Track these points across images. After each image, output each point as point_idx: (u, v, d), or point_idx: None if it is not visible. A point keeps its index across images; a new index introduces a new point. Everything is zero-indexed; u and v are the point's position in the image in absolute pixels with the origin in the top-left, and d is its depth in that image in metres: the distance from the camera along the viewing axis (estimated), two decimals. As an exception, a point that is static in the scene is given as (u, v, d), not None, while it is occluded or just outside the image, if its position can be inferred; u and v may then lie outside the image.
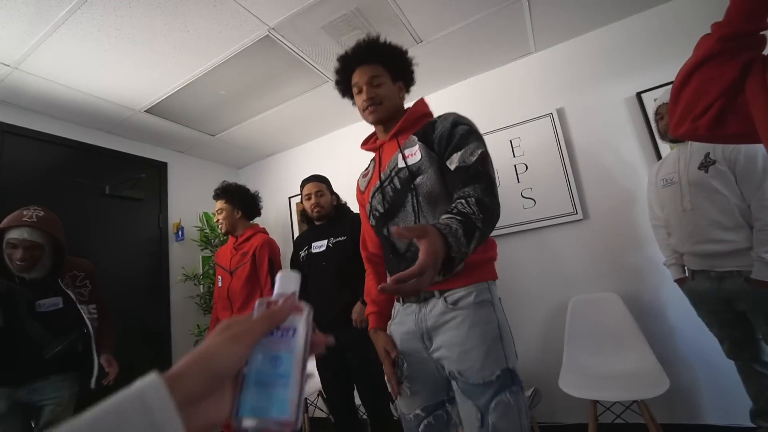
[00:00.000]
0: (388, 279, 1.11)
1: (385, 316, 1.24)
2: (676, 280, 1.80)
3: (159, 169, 3.10)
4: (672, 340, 2.01)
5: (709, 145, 1.59)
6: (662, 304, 2.06)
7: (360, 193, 1.29)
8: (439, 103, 2.83)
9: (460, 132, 1.03)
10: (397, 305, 1.18)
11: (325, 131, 3.33)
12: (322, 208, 1.98)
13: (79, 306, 1.64)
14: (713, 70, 0.69)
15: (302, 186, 2.05)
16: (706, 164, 1.57)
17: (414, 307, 1.08)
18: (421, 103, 1.20)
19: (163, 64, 2.12)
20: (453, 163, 0.99)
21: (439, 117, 1.12)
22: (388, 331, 1.18)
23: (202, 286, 3.01)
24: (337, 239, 1.92)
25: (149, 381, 0.29)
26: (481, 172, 0.93)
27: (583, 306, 2.11)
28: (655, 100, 2.06)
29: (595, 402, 1.73)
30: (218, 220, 2.18)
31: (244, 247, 2.13)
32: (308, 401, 2.51)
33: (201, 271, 3.07)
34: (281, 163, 3.61)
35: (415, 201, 1.05)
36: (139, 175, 2.80)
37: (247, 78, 2.38)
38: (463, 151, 0.99)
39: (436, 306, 1.02)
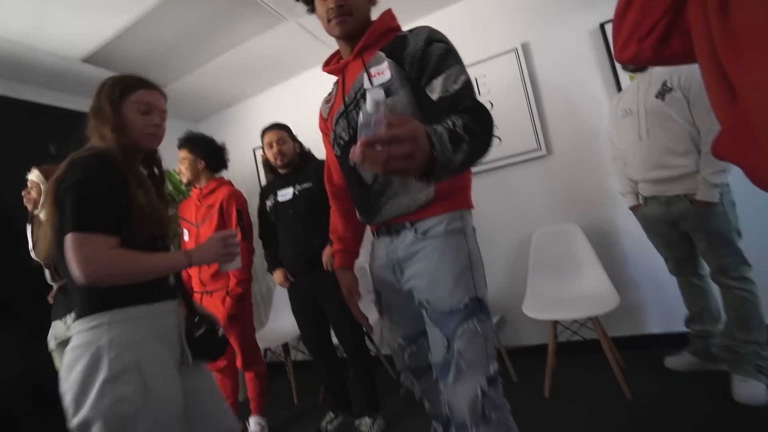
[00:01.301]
0: (357, 210, 1.11)
1: (351, 254, 1.23)
2: (630, 208, 1.91)
3: (109, 125, 2.89)
4: (624, 264, 2.18)
5: (666, 73, 1.63)
6: (617, 232, 2.20)
7: (322, 121, 1.18)
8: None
9: (437, 51, 0.91)
10: (372, 239, 1.16)
11: (287, 76, 3.16)
12: (284, 156, 1.93)
13: None
14: None
15: (262, 135, 1.98)
16: (663, 92, 1.62)
17: (386, 240, 1.06)
18: (389, 16, 1.06)
19: (98, 7, 1.91)
20: (434, 91, 0.88)
21: (410, 31, 0.99)
22: (368, 267, 1.16)
23: (172, 246, 2.95)
24: (303, 186, 1.90)
25: None
26: (470, 107, 0.82)
27: (546, 238, 2.23)
28: None
29: (555, 322, 1.90)
30: (180, 170, 2.08)
31: (209, 199, 2.06)
32: (290, 345, 2.61)
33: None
34: (243, 113, 3.44)
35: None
36: (87, 132, 2.60)
37: (192, 19, 2.18)
38: (444, 76, 0.88)
39: (407, 237, 1.00)
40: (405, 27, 1.06)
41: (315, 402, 2.44)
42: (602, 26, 2.19)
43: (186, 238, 2.10)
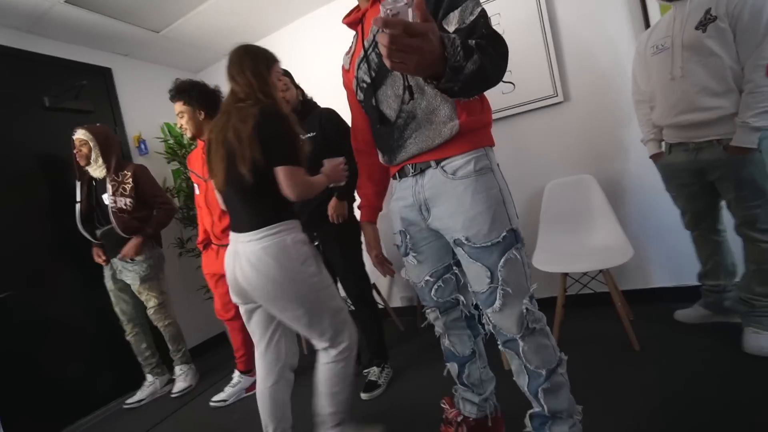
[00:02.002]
0: (380, 154, 1.15)
1: (375, 209, 1.30)
2: (651, 156, 1.79)
3: (103, 76, 2.77)
4: (638, 216, 2.10)
5: (711, 1, 1.42)
6: (634, 183, 2.10)
7: (345, 73, 1.20)
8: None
9: None
10: (393, 182, 1.20)
11: (287, 21, 2.96)
12: (287, 103, 1.83)
13: (109, 198, 2.16)
14: None
15: None
16: (705, 22, 1.41)
17: (410, 180, 1.09)
18: None
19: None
20: (451, 24, 0.90)
21: None
22: (389, 209, 1.21)
23: (177, 199, 2.93)
24: (307, 135, 1.82)
25: None
26: (486, 34, 0.84)
27: (559, 189, 2.14)
28: None
29: (565, 275, 1.86)
30: (181, 125, 1.97)
31: None
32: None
33: (174, 185, 2.96)
34: (242, 63, 3.27)
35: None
36: (80, 82, 2.50)
37: (181, -48, 2.01)
38: (460, 9, 0.89)
39: (434, 176, 1.02)
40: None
41: (324, 352, 2.50)
42: (633, -45, 1.97)
43: (197, 191, 2.07)
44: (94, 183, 2.25)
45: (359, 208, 1.31)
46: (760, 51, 1.34)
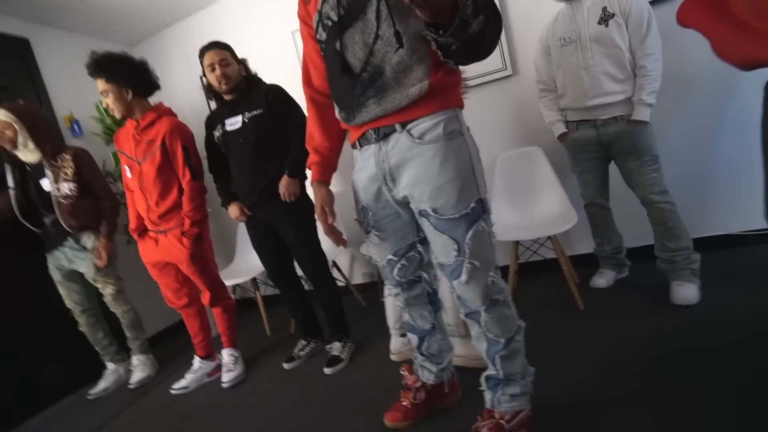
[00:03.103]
0: (337, 108, 1.04)
1: (329, 167, 1.16)
2: (559, 137, 1.93)
3: (20, 48, 2.49)
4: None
5: (604, 0, 1.65)
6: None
7: (303, 6, 1.05)
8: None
9: None
10: (355, 152, 1.10)
11: (230, -11, 2.77)
12: (229, 80, 1.73)
13: (52, 185, 1.98)
14: None
15: (201, 55, 1.75)
16: (606, 18, 1.65)
17: (373, 147, 1.01)
18: None
19: None
20: None
21: None
22: (351, 181, 1.12)
23: (120, 184, 2.74)
24: (253, 113, 1.74)
25: None
26: (486, 3, 0.74)
27: (509, 162, 2.21)
28: None
29: (516, 243, 1.95)
30: (106, 104, 1.79)
31: (149, 133, 1.83)
32: (258, 280, 2.61)
33: (115, 168, 2.76)
34: (185, 34, 3.04)
35: (382, 4, 0.87)
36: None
37: None
38: None
39: (399, 141, 0.95)
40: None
41: (287, 333, 2.50)
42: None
43: (128, 174, 1.92)
44: (27, 168, 2.04)
45: (309, 166, 1.16)
46: (646, 42, 1.62)
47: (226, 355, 2.12)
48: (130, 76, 1.76)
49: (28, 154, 1.96)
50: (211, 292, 2.02)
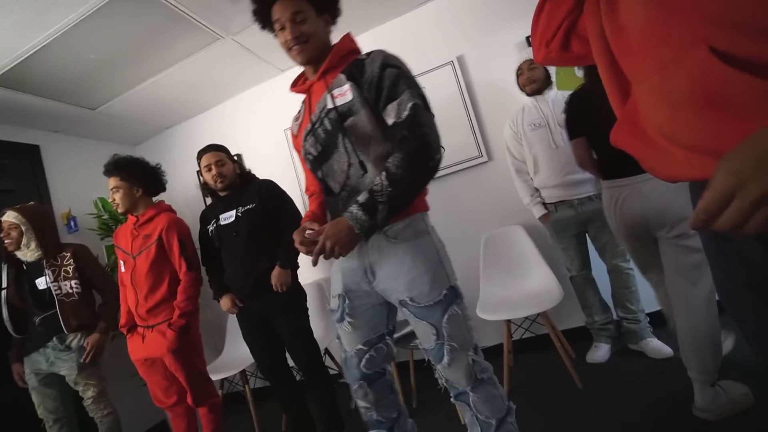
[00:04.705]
0: (330, 214, 1.19)
1: (319, 219, 1.25)
2: (540, 218, 2.08)
3: (30, 154, 2.66)
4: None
5: (565, 95, 1.87)
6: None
7: (294, 137, 1.25)
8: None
9: (390, 78, 1.02)
10: None
11: (229, 95, 3.07)
12: (224, 178, 1.86)
13: (52, 283, 1.96)
14: None
15: (199, 158, 1.90)
16: None
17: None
18: (348, 39, 1.17)
19: (3, 21, 1.76)
20: (389, 116, 1.01)
21: (367, 56, 1.08)
22: (333, 268, 1.22)
23: (115, 275, 2.74)
24: (246, 207, 1.84)
25: None
26: (407, 137, 0.97)
27: (494, 241, 2.31)
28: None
29: (508, 321, 1.96)
30: (114, 199, 1.92)
31: (147, 228, 1.93)
32: (247, 373, 2.50)
33: (108, 262, 2.79)
34: (183, 134, 3.30)
35: (347, 141, 1.06)
36: (2, 161, 2.37)
37: (120, 38, 2.08)
38: (397, 102, 1.00)
39: (377, 240, 1.07)
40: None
41: (278, 430, 2.34)
42: (527, 39, 2.35)
43: (122, 269, 1.96)
44: (23, 267, 2.02)
45: (305, 216, 1.26)
46: None
47: (211, 461, 1.95)
48: (143, 177, 1.95)
49: (28, 253, 1.97)
50: (194, 389, 1.93)
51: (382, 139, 1.05)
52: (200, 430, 2.15)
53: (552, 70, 2.03)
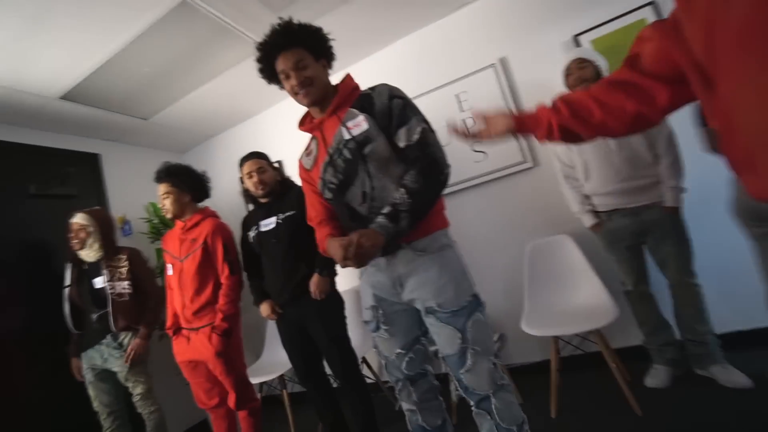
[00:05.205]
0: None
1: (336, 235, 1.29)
2: (591, 227, 1.92)
3: (91, 162, 2.86)
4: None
5: None
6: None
7: (304, 171, 1.34)
8: (384, 64, 2.74)
9: (398, 106, 1.16)
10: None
11: (270, 104, 3.16)
12: (266, 185, 1.89)
13: (108, 282, 2.06)
14: None
15: (241, 165, 1.95)
16: None
17: (383, 260, 1.19)
18: (350, 78, 1.29)
19: (72, 43, 1.90)
20: (401, 140, 1.14)
21: (372, 90, 1.22)
22: (362, 284, 1.30)
23: (160, 279, 2.87)
24: (286, 214, 1.85)
25: None
26: (420, 156, 1.12)
27: (539, 251, 2.18)
28: (592, 41, 2.12)
29: (556, 338, 1.83)
30: (164, 205, 2.01)
31: (193, 233, 2.00)
32: (286, 378, 2.52)
33: (157, 264, 2.92)
34: (228, 142, 3.42)
35: (367, 168, 1.16)
36: (67, 169, 2.56)
37: (170, 51, 2.18)
38: (407, 128, 1.14)
39: (405, 255, 1.16)
40: (391, 46, 1.39)
41: (314, 436, 2.33)
42: (575, 38, 2.22)
43: (170, 272, 2.03)
44: (84, 267, 2.18)
45: (324, 237, 1.27)
46: (662, 132, 1.71)
47: (249, 464, 1.97)
48: (191, 183, 2.04)
49: (91, 253, 2.11)
50: (237, 392, 1.96)
51: (397, 160, 1.16)
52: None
53: (603, 68, 1.89)
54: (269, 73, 1.26)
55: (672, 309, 1.85)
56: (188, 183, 2.03)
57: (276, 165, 2.06)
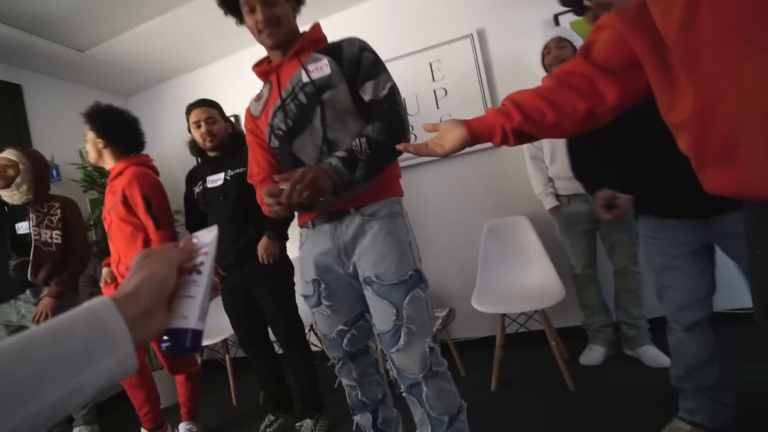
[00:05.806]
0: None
1: None
2: (550, 209, 1.97)
3: (11, 93, 2.49)
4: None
5: None
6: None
7: (251, 119, 1.22)
8: (356, 21, 2.56)
9: (369, 59, 1.09)
10: (304, 231, 1.20)
11: (229, 51, 2.88)
12: (214, 137, 1.72)
13: (33, 227, 1.87)
14: None
15: (188, 112, 1.76)
16: None
17: (327, 227, 1.11)
18: (319, 28, 1.19)
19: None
20: (366, 93, 1.07)
21: (343, 40, 1.13)
22: (302, 254, 1.21)
23: (94, 232, 2.63)
24: (236, 171, 1.71)
25: (99, 300, 0.34)
26: (387, 110, 1.03)
27: (496, 231, 2.19)
28: (572, 22, 2.07)
29: (503, 315, 1.87)
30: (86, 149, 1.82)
31: (114, 184, 1.79)
32: (229, 342, 2.42)
33: (90, 215, 2.66)
34: (180, 89, 3.11)
35: (322, 115, 1.06)
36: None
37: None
38: (375, 81, 1.06)
39: (353, 221, 1.09)
40: (364, 5, 1.24)
41: (256, 403, 2.28)
42: (556, 17, 2.17)
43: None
44: (5, 208, 1.95)
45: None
46: None
47: (184, 429, 1.89)
48: (106, 128, 1.78)
49: (16, 195, 1.88)
50: (170, 358, 1.84)
51: (358, 115, 1.09)
52: (173, 398, 2.09)
53: (580, 49, 1.87)
54: (230, 3, 1.11)
55: (613, 293, 1.97)
56: (104, 128, 1.78)
57: (229, 117, 1.88)
